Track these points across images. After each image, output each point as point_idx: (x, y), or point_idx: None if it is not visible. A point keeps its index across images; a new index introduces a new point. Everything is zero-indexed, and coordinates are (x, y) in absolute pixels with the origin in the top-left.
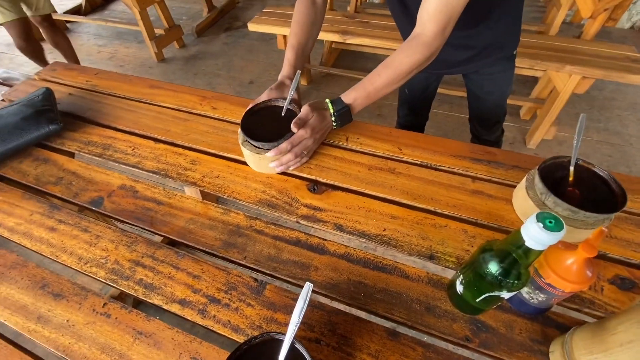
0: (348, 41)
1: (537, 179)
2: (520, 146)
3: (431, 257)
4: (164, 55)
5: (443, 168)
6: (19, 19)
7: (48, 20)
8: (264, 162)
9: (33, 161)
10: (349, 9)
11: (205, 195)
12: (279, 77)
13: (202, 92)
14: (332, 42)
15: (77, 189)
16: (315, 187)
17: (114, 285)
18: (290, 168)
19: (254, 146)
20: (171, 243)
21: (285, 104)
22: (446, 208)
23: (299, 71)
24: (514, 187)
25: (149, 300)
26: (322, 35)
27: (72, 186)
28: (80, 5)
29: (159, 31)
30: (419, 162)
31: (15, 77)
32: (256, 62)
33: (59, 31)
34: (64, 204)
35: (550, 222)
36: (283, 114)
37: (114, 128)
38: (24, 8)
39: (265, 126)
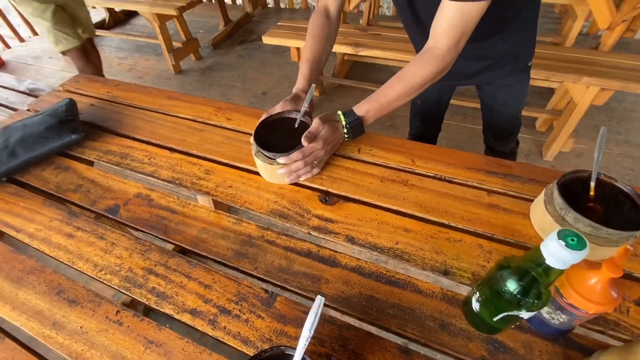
0: (360, 53)
1: (556, 194)
2: (536, 158)
3: (445, 273)
4: (181, 67)
5: (457, 180)
6: (81, 44)
7: (90, 42)
8: (276, 172)
9: (54, 169)
10: (361, 21)
11: (218, 205)
12: (294, 90)
13: (218, 103)
14: (344, 54)
15: (95, 196)
16: (327, 198)
17: (127, 293)
18: (301, 178)
19: (267, 156)
20: (183, 251)
21: (298, 116)
22: (461, 222)
23: (313, 85)
24: (531, 201)
25: (161, 309)
26: (335, 48)
27: (91, 194)
28: (104, 20)
29: (176, 44)
30: (432, 175)
31: (41, 88)
32: (270, 74)
33: (95, 50)
34: (82, 211)
35: (572, 240)
36: (296, 126)
37: (132, 138)
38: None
39: (278, 137)
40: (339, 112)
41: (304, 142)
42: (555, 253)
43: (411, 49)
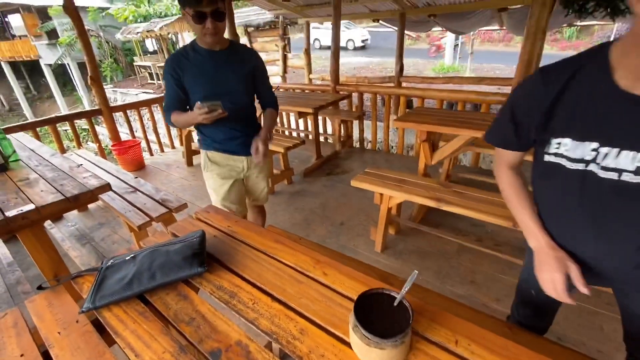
0: (442, 208)
1: None
2: None
3: None
4: (275, 190)
5: None
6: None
7: (260, 207)
8: (371, 354)
9: (176, 295)
10: (440, 170)
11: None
12: (544, 244)
13: (316, 255)
14: None
15: (202, 334)
16: None
17: None
18: None
19: (364, 335)
20: None
21: (398, 297)
22: None
23: (415, 272)
24: None
25: None
26: (418, 200)
27: (200, 330)
28: None
29: (276, 171)
30: None
31: (170, 199)
32: (349, 205)
33: (264, 215)
34: (189, 346)
35: None
36: (395, 304)
37: (241, 277)
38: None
39: (376, 315)
40: None
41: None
42: None
43: (494, 212)
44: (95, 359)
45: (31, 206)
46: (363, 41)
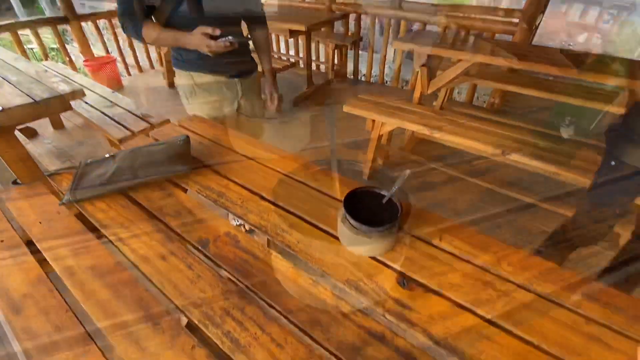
0: (435, 136)
1: None
2: None
3: None
4: (264, 116)
5: (552, 299)
6: None
7: None
8: (358, 242)
9: (161, 192)
10: (435, 103)
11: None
12: None
13: (307, 163)
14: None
15: (190, 226)
16: (405, 282)
17: (205, 330)
18: None
19: (352, 226)
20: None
21: (387, 195)
22: (554, 347)
23: (407, 170)
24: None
25: (233, 358)
26: (411, 126)
27: (187, 223)
28: None
29: (263, 96)
30: (521, 284)
31: (151, 115)
32: (338, 134)
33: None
34: (177, 236)
35: None
36: (383, 202)
37: (229, 179)
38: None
39: (366, 209)
40: None
41: None
42: None
43: (489, 141)
44: (78, 244)
45: None
46: None
